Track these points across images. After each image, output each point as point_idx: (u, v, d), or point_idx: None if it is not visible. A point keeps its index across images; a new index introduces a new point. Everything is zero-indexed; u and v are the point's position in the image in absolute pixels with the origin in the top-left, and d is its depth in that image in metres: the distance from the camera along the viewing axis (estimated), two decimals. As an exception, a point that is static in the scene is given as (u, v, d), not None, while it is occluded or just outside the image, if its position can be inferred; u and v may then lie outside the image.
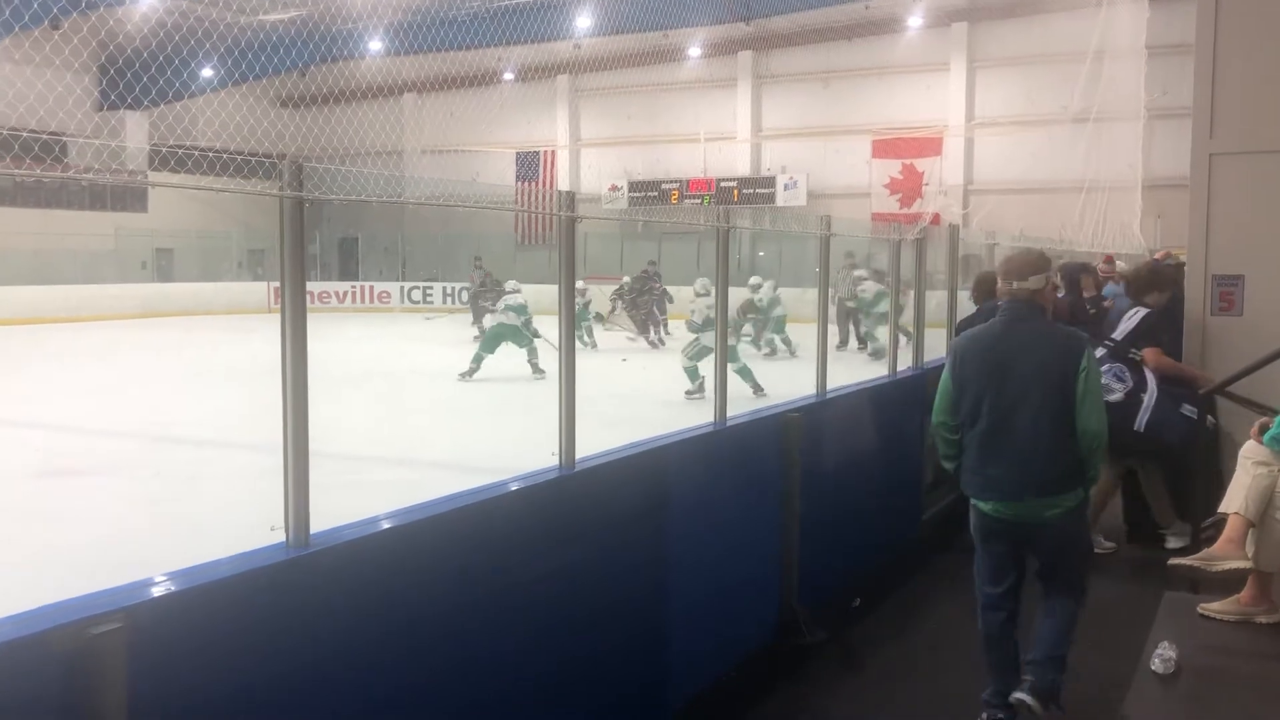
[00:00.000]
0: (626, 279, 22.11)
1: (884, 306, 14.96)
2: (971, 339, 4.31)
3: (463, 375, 14.70)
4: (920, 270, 7.37)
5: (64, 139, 26.59)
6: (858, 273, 18.13)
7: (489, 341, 15.21)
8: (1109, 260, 12.10)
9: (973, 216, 25.95)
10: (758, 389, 12.01)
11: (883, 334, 15.08)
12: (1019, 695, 4.05)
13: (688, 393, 12.44)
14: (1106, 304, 10.19)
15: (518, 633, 3.44)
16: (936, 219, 25.17)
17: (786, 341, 17.10)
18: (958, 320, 8.13)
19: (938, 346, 7.90)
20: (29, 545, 6.69)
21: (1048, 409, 4.02)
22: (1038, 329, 4.13)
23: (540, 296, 26.45)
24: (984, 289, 8.03)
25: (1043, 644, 4.13)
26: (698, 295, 13.55)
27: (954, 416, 4.22)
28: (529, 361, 14.97)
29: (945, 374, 4.30)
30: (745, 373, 12.21)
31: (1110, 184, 19.92)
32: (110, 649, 2.19)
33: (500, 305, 15.76)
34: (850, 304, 18.05)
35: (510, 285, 16.59)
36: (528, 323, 15.18)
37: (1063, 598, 4.21)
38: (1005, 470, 4.07)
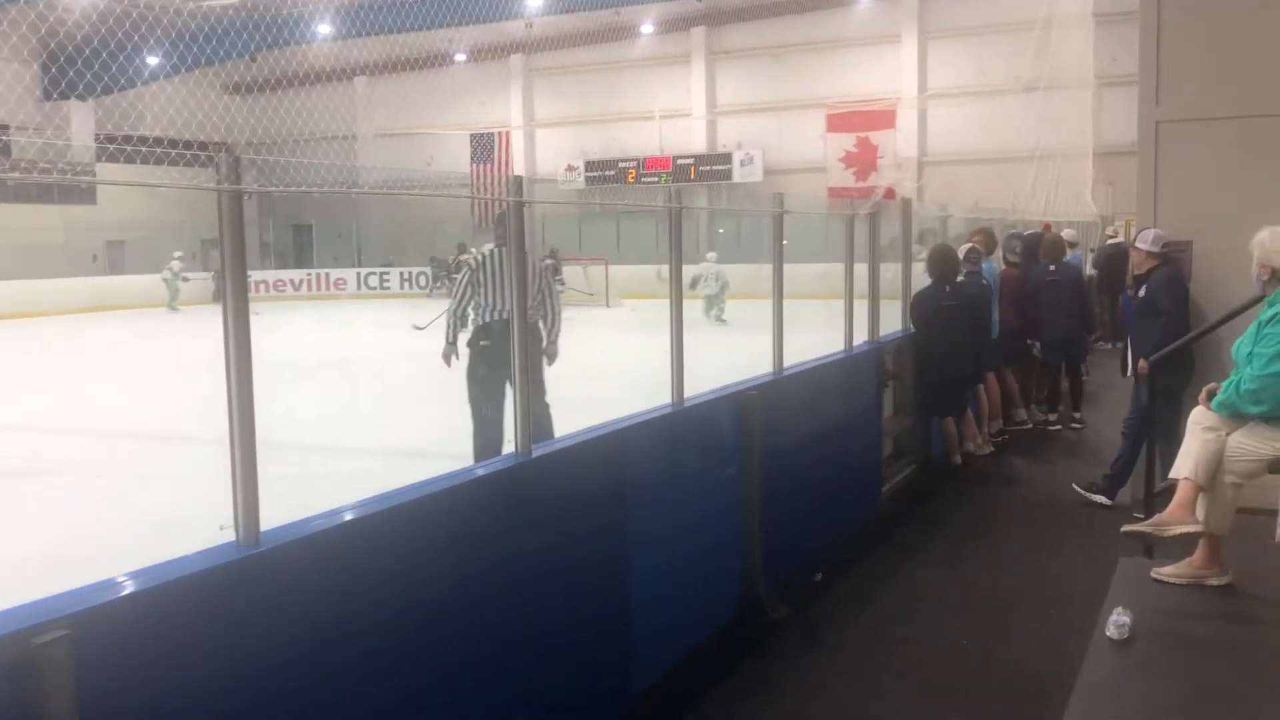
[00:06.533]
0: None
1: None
2: None
3: None
4: (874, 245, 7.39)
5: (5, 132, 26.07)
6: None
7: None
8: (1047, 228, 12.31)
9: (927, 188, 26.10)
10: None
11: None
12: None
13: None
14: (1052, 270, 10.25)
15: (477, 624, 3.42)
16: (890, 193, 25.29)
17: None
18: (913, 293, 8.18)
19: (892, 319, 7.95)
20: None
21: None
22: None
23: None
24: (939, 262, 8.11)
25: None
26: None
27: None
28: None
29: None
30: None
31: (1062, 152, 20.08)
32: (56, 658, 2.14)
33: None
34: None
35: None
36: None
37: None
38: None
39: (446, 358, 7.43)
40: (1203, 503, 3.98)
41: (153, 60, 28.03)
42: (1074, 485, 7.46)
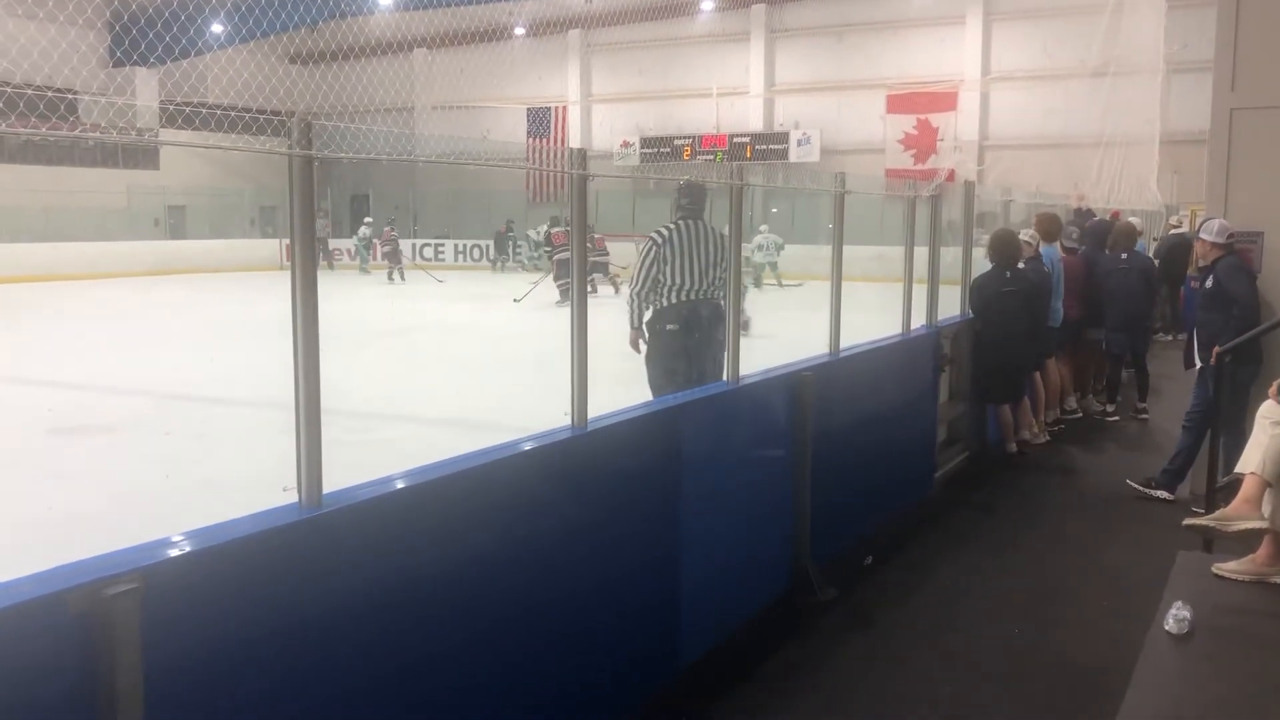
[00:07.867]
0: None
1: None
2: None
3: None
4: (935, 227, 7.30)
5: (74, 96, 26.50)
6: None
7: None
8: (1115, 215, 12.15)
9: (988, 173, 25.71)
10: None
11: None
12: None
13: None
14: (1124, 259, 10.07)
15: (530, 593, 3.45)
16: (951, 175, 24.95)
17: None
18: (973, 278, 8.07)
19: (951, 304, 7.85)
20: (43, 503, 6.73)
21: None
22: None
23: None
24: (1000, 247, 7.98)
25: None
26: None
27: None
28: None
29: None
30: None
31: (1127, 139, 19.63)
32: (125, 609, 2.19)
33: None
34: None
35: None
36: None
37: None
38: None
39: (635, 344, 6.61)
40: (1269, 499, 3.89)
41: (216, 28, 28.33)
42: (1129, 481, 7.32)
